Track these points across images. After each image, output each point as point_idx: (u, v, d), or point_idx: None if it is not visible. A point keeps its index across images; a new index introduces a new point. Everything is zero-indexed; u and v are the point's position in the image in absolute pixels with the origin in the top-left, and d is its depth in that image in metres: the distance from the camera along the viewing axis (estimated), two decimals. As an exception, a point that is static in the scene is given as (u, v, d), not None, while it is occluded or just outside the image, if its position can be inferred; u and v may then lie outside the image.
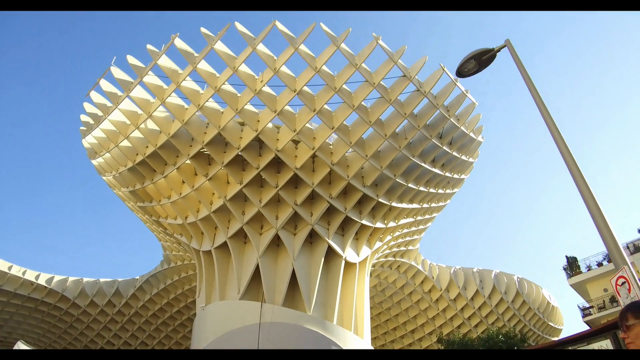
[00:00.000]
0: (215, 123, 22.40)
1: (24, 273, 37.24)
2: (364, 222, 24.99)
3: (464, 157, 27.01)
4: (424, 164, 24.89)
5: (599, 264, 27.91)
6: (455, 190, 30.31)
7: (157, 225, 30.79)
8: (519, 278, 38.95)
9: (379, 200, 24.69)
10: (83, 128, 27.81)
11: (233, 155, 23.05)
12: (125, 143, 25.20)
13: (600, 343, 12.74)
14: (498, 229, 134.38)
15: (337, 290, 23.55)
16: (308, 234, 24.03)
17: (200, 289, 26.07)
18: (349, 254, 24.99)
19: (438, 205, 30.25)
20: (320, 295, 23.28)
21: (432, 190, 27.46)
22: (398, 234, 29.51)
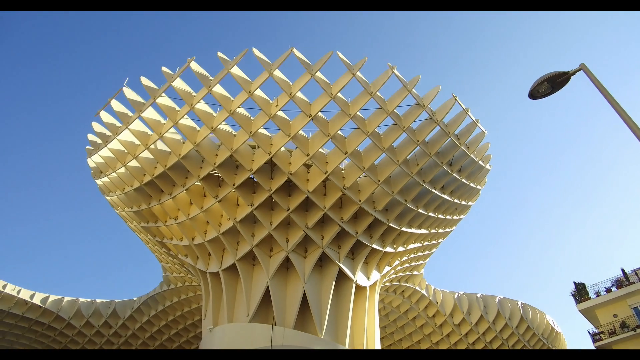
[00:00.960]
0: (228, 145, 22.39)
1: (19, 292, 36.54)
2: (374, 246, 24.95)
3: (473, 184, 27.22)
4: (434, 190, 25.02)
5: (608, 290, 27.99)
6: (462, 217, 30.41)
7: (159, 246, 30.45)
8: (523, 304, 38.92)
9: (390, 225, 24.71)
10: (89, 147, 27.64)
11: (245, 178, 23.01)
12: (133, 163, 25.07)
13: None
14: (500, 255, 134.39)
15: (348, 314, 23.36)
16: (318, 258, 23.83)
17: (207, 311, 25.68)
18: (360, 278, 24.86)
19: (445, 231, 30.31)
20: (331, 319, 23.08)
21: (440, 216, 27.55)
22: (405, 259, 29.47)
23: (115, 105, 23.95)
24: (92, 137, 26.89)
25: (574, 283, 29.57)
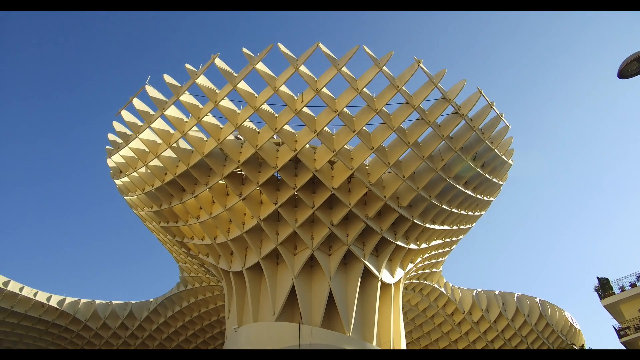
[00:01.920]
0: (253, 142, 22.18)
1: (36, 294, 36.39)
2: (399, 243, 24.74)
3: (495, 179, 26.99)
4: (458, 186, 24.80)
5: (633, 285, 27.64)
6: (482, 213, 30.17)
7: (179, 246, 30.26)
8: (542, 300, 38.64)
9: (414, 221, 24.49)
10: (109, 147, 27.45)
11: (269, 175, 22.80)
12: (155, 162, 24.89)
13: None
14: (518, 251, 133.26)
15: (374, 311, 23.14)
16: (343, 255, 23.61)
17: (230, 311, 25.49)
18: (385, 275, 24.66)
19: (465, 228, 30.07)
20: (358, 316, 22.86)
21: (462, 212, 27.33)
22: (427, 256, 29.24)
23: (137, 104, 23.78)
24: (112, 136, 26.70)
25: (598, 278, 29.23)
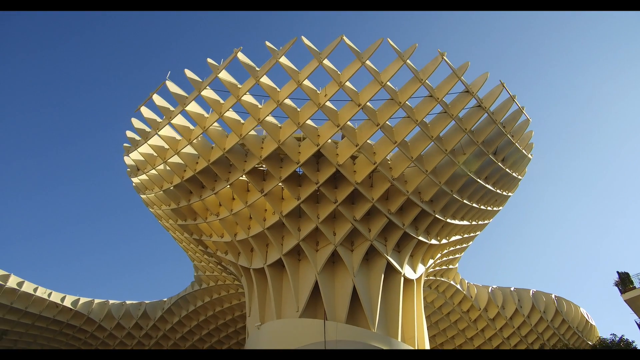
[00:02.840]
0: (275, 137, 22.07)
1: (50, 295, 36.20)
2: (421, 238, 24.60)
3: (515, 174, 26.88)
4: (479, 180, 24.69)
5: (653, 279, 27.40)
6: (500, 208, 30.04)
7: (195, 245, 30.13)
8: (557, 297, 38.46)
9: (436, 216, 24.36)
10: (127, 145, 27.34)
11: (291, 171, 22.68)
12: (174, 159, 24.76)
13: None
14: (532, 247, 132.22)
15: (398, 307, 22.99)
16: (365, 251, 23.47)
17: (251, 308, 25.33)
18: (407, 271, 24.54)
19: (483, 223, 29.95)
20: (382, 312, 22.71)
21: (482, 207, 27.20)
22: (445, 252, 29.08)
23: (157, 100, 23.62)
24: (130, 134, 26.60)
25: (618, 273, 28.90)
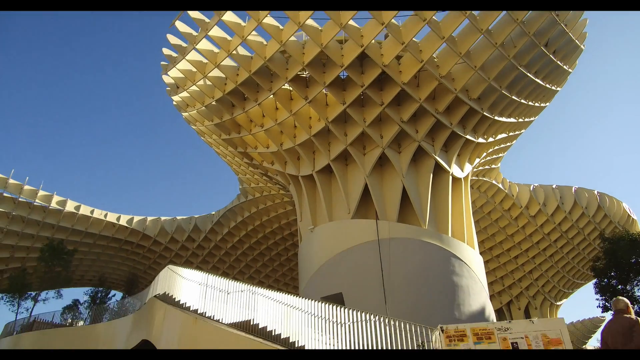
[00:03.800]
0: (317, 41, 21.49)
1: (106, 215, 38.32)
2: (468, 137, 24.44)
3: (566, 66, 25.75)
4: (529, 74, 23.81)
5: None
6: (547, 104, 29.21)
7: (240, 158, 30.81)
8: (600, 193, 38.39)
9: (484, 114, 23.99)
10: (164, 63, 27.21)
11: (335, 75, 22.32)
12: (215, 72, 24.62)
13: None
14: (569, 145, 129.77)
15: (447, 205, 23.49)
16: (413, 152, 23.60)
17: (302, 213, 26.33)
18: (455, 170, 24.71)
19: (529, 120, 29.37)
20: (432, 211, 23.26)
21: (530, 103, 26.55)
22: (491, 151, 28.95)
23: (192, 14, 23.04)
24: (167, 50, 26.34)
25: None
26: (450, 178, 24.20)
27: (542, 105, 28.59)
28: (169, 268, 18.71)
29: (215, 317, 13.67)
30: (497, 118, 25.05)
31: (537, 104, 27.62)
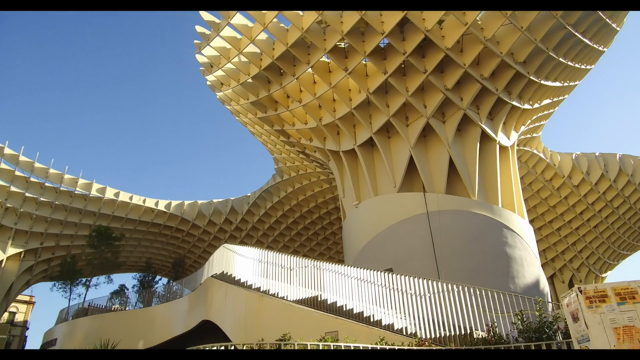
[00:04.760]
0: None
1: (144, 201, 38.72)
2: (514, 103, 23.46)
3: (614, 24, 24.43)
4: (577, 33, 22.61)
5: None
6: (592, 66, 27.85)
7: (277, 136, 30.48)
8: (646, 158, 36.79)
9: (530, 78, 22.93)
10: (197, 41, 26.89)
11: (376, 43, 21.60)
12: (250, 48, 24.18)
13: None
14: (608, 111, 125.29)
15: (496, 174, 22.71)
16: (458, 121, 22.83)
17: (345, 189, 25.92)
18: (501, 138, 23.83)
19: (573, 84, 28.07)
20: (481, 181, 22.52)
21: (576, 65, 25.29)
22: (534, 118, 27.87)
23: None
24: (200, 28, 25.97)
25: None
26: (498, 147, 23.34)
27: (587, 68, 27.24)
28: (225, 247, 18.63)
29: (280, 294, 13.49)
30: (543, 82, 23.95)
31: (582, 66, 26.33)
